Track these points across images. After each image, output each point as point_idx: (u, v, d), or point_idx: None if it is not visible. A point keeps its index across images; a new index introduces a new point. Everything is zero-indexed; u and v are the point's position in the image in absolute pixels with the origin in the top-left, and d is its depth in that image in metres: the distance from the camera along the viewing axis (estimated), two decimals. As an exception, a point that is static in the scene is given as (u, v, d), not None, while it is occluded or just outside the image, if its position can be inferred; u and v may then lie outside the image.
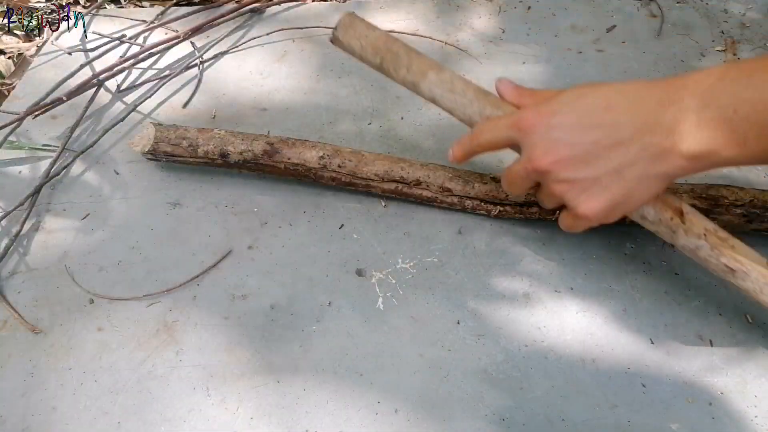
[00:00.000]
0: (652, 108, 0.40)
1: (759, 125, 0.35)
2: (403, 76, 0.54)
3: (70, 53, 0.84)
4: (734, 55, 0.79)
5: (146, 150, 0.64)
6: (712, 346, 0.53)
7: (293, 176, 0.64)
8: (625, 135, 0.41)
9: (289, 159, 0.62)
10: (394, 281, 0.58)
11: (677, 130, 0.39)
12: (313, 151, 0.61)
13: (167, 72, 0.81)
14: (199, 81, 0.80)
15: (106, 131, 0.72)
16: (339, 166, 0.61)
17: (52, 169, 0.69)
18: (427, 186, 0.60)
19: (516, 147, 0.48)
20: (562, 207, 0.48)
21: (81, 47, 0.85)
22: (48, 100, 0.72)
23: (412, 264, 0.59)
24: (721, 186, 0.57)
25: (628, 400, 0.50)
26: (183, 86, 0.79)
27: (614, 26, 0.86)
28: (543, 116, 0.44)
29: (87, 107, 0.76)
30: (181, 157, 0.64)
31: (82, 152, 0.70)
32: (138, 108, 0.76)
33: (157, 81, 0.79)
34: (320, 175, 0.62)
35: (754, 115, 0.36)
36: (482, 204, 0.60)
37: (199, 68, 0.81)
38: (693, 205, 0.56)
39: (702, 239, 0.46)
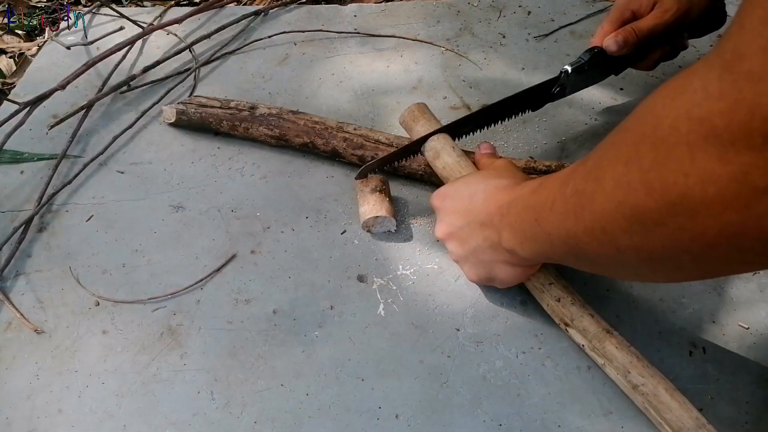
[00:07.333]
0: (490, 207, 0.50)
1: (521, 230, 0.46)
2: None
3: (69, 48, 0.83)
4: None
5: (179, 101, 0.73)
6: (705, 353, 0.54)
7: (307, 138, 0.68)
8: (475, 225, 0.51)
9: (310, 117, 0.69)
10: (395, 287, 0.59)
11: (499, 229, 0.49)
12: (333, 121, 0.69)
13: (170, 75, 0.81)
14: (194, 87, 0.80)
15: (116, 137, 0.73)
16: (354, 129, 0.68)
17: (54, 174, 0.69)
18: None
19: None
20: None
21: (82, 47, 0.86)
22: (45, 92, 0.72)
23: (412, 271, 0.60)
24: None
25: (622, 407, 0.51)
26: (187, 89, 0.80)
27: (613, 32, 0.86)
28: (440, 199, 0.56)
29: (86, 113, 0.76)
30: (212, 107, 0.71)
31: (93, 159, 0.71)
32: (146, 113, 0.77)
33: (160, 84, 0.80)
34: (334, 135, 0.67)
35: (517, 224, 0.47)
36: None
37: (195, 74, 0.81)
38: None
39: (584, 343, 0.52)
